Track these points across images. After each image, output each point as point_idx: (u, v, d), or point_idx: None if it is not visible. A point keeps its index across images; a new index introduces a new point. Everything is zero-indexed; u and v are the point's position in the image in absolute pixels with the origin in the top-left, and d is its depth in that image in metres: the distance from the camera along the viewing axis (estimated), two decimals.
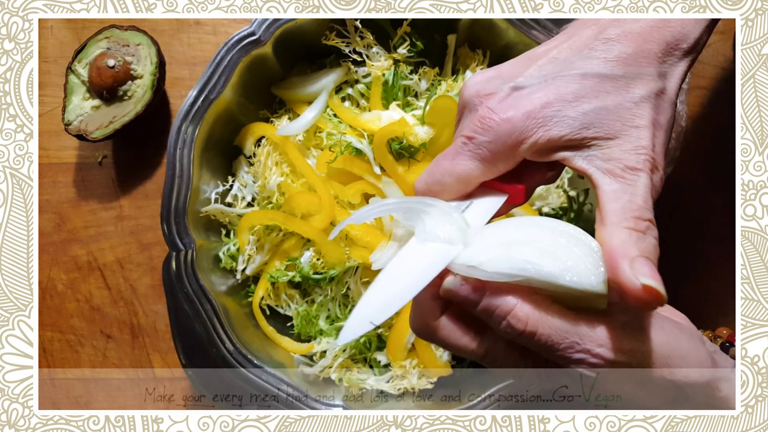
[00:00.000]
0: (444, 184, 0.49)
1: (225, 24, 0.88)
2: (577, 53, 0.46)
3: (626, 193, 0.44)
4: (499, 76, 0.48)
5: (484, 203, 0.49)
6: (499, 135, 0.46)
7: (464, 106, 0.50)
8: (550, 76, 0.46)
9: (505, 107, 0.46)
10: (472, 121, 0.47)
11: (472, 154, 0.47)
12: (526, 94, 0.46)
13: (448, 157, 0.48)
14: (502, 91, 0.47)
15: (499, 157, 0.47)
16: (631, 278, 0.41)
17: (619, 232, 0.43)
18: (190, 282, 0.71)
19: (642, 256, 0.42)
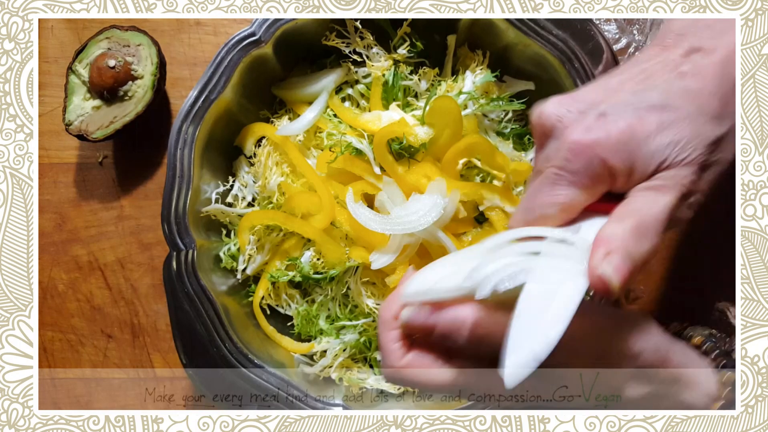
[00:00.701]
0: (547, 216, 0.49)
1: (225, 24, 0.88)
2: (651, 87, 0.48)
3: (640, 200, 0.46)
4: (579, 102, 0.49)
5: (594, 225, 0.48)
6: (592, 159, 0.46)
7: (546, 133, 0.50)
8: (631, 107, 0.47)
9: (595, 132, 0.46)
10: (562, 149, 0.47)
11: (570, 182, 0.47)
12: (611, 120, 0.47)
13: (544, 189, 0.48)
14: (588, 116, 0.48)
15: (597, 180, 0.47)
16: (595, 264, 0.43)
17: (616, 225, 0.45)
18: (191, 282, 0.71)
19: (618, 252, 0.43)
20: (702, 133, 0.46)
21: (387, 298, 0.51)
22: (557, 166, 0.48)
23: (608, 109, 0.47)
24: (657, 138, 0.46)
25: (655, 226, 0.45)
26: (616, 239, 0.44)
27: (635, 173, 0.47)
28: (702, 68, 0.47)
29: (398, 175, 0.75)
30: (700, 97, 0.47)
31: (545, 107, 0.50)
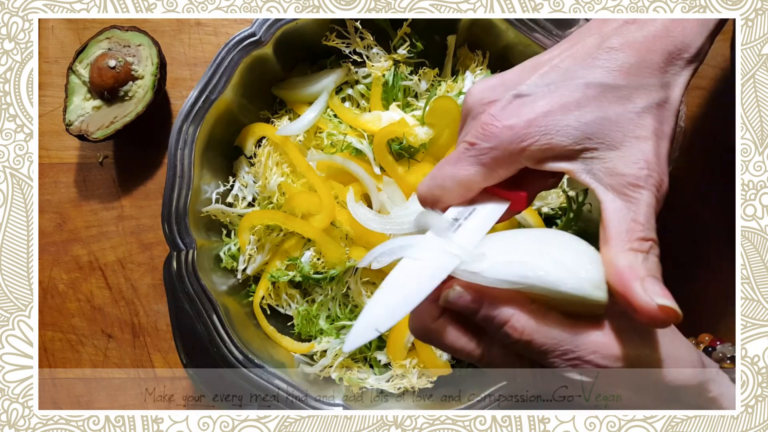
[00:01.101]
0: (446, 188, 0.49)
1: (226, 24, 0.88)
2: (580, 62, 0.46)
3: (630, 212, 0.44)
4: (502, 83, 0.48)
5: (487, 209, 0.49)
6: (500, 141, 0.46)
7: (467, 112, 0.50)
8: (553, 85, 0.46)
9: (507, 114, 0.46)
10: (475, 127, 0.47)
11: (474, 159, 0.47)
12: (529, 101, 0.46)
13: (450, 162, 0.49)
14: (504, 98, 0.47)
15: (500, 164, 0.47)
16: (647, 299, 0.41)
17: (624, 254, 0.44)
18: (191, 282, 0.71)
19: (650, 276, 0.42)
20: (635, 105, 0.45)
21: None
22: (467, 142, 0.48)
23: (526, 89, 0.47)
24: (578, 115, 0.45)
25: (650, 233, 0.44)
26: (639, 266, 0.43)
27: (551, 152, 0.45)
28: (632, 41, 0.46)
29: (398, 175, 0.75)
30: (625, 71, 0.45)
31: (472, 88, 0.50)
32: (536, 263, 0.44)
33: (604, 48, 0.46)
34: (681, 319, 0.41)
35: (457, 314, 0.47)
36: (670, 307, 0.41)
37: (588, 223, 0.75)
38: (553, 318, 0.45)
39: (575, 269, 0.44)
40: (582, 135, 0.45)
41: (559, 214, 0.80)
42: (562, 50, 0.48)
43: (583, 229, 0.76)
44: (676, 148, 0.75)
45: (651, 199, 0.44)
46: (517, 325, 0.44)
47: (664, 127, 0.46)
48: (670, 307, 0.41)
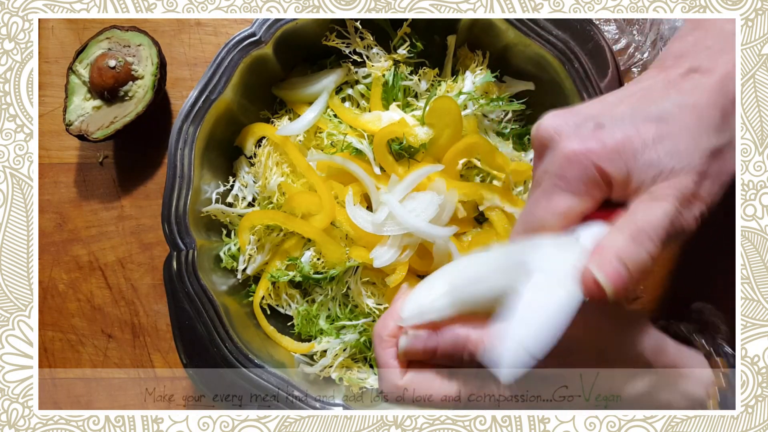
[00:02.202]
0: (546, 224, 0.49)
1: (226, 24, 0.88)
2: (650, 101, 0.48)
3: (640, 210, 0.46)
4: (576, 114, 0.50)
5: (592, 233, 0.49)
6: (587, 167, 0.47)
7: (544, 144, 0.51)
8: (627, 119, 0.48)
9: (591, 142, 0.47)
10: (558, 158, 0.48)
11: (567, 190, 0.48)
12: (608, 131, 0.47)
13: (541, 199, 0.49)
14: (585, 127, 0.48)
15: (593, 188, 0.48)
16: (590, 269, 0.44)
17: (615, 234, 0.46)
18: (191, 282, 0.71)
19: (615, 259, 0.44)
20: (700, 143, 0.47)
21: (382, 316, 0.51)
22: (554, 175, 0.48)
23: (605, 120, 0.48)
24: (654, 148, 0.46)
25: (654, 233, 0.45)
26: (613, 247, 0.45)
27: (632, 183, 0.47)
28: (701, 85, 0.48)
29: (398, 175, 0.75)
30: (698, 110, 0.47)
31: (543, 120, 0.51)
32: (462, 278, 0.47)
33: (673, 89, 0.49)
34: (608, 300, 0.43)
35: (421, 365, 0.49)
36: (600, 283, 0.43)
37: None
38: None
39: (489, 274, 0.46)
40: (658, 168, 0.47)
41: None
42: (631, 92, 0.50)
43: None
44: None
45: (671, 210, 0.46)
46: (475, 338, 0.46)
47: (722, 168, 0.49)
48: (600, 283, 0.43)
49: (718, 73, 0.48)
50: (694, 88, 0.48)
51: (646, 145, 0.46)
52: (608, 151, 0.46)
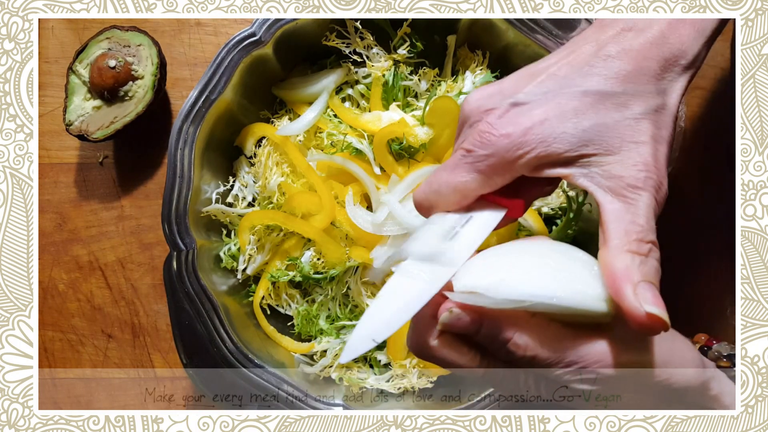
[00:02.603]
0: (441, 194, 0.49)
1: (226, 24, 0.88)
2: (576, 70, 0.46)
3: (628, 213, 0.44)
4: (499, 91, 0.48)
5: (484, 217, 0.49)
6: (497, 149, 0.46)
7: (465, 120, 0.50)
8: (550, 93, 0.46)
9: (504, 123, 0.46)
10: (472, 135, 0.48)
11: (471, 166, 0.47)
12: (526, 110, 0.46)
13: (447, 168, 0.49)
14: (502, 106, 0.47)
15: (496, 172, 0.47)
16: (636, 305, 0.41)
17: (622, 256, 0.43)
18: (191, 282, 0.71)
19: (645, 281, 0.42)
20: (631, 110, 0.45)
21: None
22: (464, 149, 0.48)
23: (524, 97, 0.47)
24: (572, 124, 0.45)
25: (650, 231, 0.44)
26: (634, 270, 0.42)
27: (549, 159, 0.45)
28: (629, 48, 0.46)
29: (398, 175, 0.75)
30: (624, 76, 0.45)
31: (470, 95, 0.50)
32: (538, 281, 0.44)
33: (600, 56, 0.46)
34: (669, 327, 0.41)
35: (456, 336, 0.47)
36: (658, 316, 0.41)
37: (588, 222, 0.75)
38: (555, 330, 0.45)
39: (578, 284, 0.44)
40: (579, 141, 0.45)
41: (559, 214, 0.80)
42: (558, 58, 0.48)
43: (583, 229, 0.76)
44: (676, 149, 0.75)
45: (650, 201, 0.44)
46: (519, 342, 0.44)
47: (662, 132, 0.46)
48: (658, 316, 0.41)
49: (651, 32, 0.47)
50: (622, 51, 0.46)
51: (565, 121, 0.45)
52: (521, 129, 0.45)
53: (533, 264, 0.45)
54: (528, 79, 0.48)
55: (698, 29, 0.48)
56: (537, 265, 0.45)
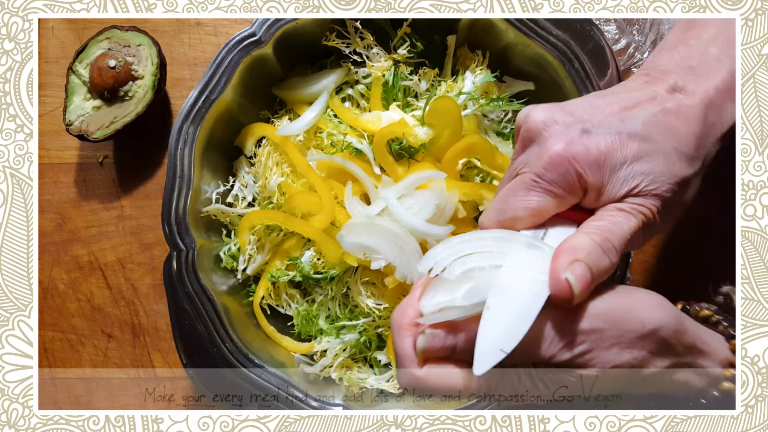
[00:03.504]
0: (517, 219, 0.51)
1: (226, 24, 0.88)
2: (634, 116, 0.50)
3: (608, 219, 0.49)
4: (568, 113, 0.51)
5: (559, 232, 0.51)
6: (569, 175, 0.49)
7: (530, 137, 0.52)
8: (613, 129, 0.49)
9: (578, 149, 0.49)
10: (543, 158, 0.50)
11: (545, 190, 0.50)
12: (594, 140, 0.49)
13: (518, 192, 0.51)
14: (573, 130, 0.50)
15: (572, 192, 0.50)
16: (559, 269, 0.45)
17: (583, 237, 0.47)
18: (191, 282, 0.71)
19: (584, 263, 0.45)
20: (673, 170, 0.49)
21: (400, 304, 0.51)
22: (535, 173, 0.50)
23: (592, 127, 0.49)
24: (632, 165, 0.48)
25: (618, 245, 0.48)
26: (583, 250, 0.46)
27: (605, 193, 0.49)
28: (685, 108, 0.50)
29: (398, 175, 0.75)
30: (678, 136, 0.49)
31: (533, 112, 0.52)
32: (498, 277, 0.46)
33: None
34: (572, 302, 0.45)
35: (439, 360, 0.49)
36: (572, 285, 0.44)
37: None
38: None
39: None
40: None
41: None
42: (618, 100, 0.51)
43: None
44: None
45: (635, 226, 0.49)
46: None
47: None
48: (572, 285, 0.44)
49: (699, 97, 0.51)
50: (678, 110, 0.50)
51: (626, 161, 0.48)
52: (591, 159, 0.48)
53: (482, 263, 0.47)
54: (590, 109, 0.51)
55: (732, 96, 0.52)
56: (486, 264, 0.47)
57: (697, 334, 0.51)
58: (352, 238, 0.70)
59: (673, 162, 0.49)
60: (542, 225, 0.52)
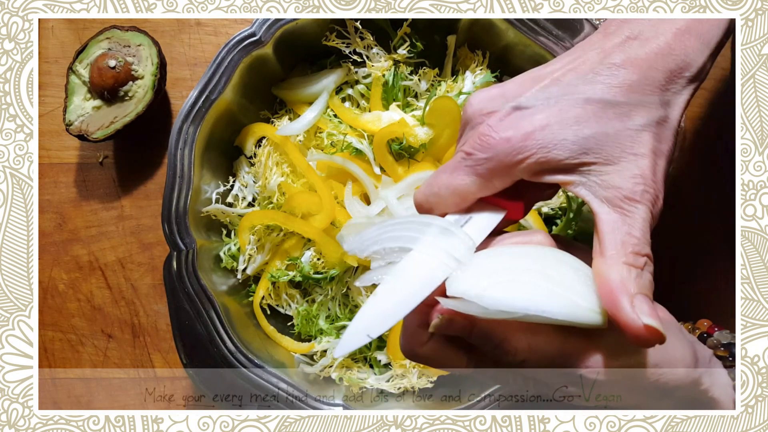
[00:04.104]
0: (441, 196, 0.49)
1: (226, 24, 0.88)
2: (581, 77, 0.46)
3: (625, 225, 0.44)
4: (502, 94, 0.48)
5: (483, 218, 0.49)
6: (497, 153, 0.46)
7: (466, 121, 0.50)
8: (553, 99, 0.46)
9: (504, 126, 0.46)
10: (473, 137, 0.48)
11: (470, 169, 0.47)
12: (528, 114, 0.46)
13: (447, 170, 0.49)
14: (503, 109, 0.47)
15: (496, 175, 0.47)
16: (634, 318, 0.41)
17: (617, 267, 0.43)
18: (191, 282, 0.71)
19: (641, 294, 0.43)
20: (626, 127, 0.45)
21: None
22: (464, 151, 0.48)
23: (526, 101, 0.47)
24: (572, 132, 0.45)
25: (645, 244, 0.44)
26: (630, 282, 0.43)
27: (548, 165, 0.45)
28: (634, 57, 0.46)
29: (398, 175, 0.75)
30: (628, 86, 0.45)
31: (472, 98, 0.50)
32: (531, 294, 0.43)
33: (605, 64, 0.46)
34: (665, 340, 0.42)
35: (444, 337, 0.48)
36: (655, 328, 0.41)
37: (588, 223, 0.75)
38: (546, 335, 0.45)
39: (571, 295, 0.43)
40: (579, 149, 0.45)
41: (559, 213, 0.80)
42: (563, 64, 0.48)
43: (583, 229, 0.76)
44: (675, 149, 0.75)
45: (646, 214, 0.44)
46: (509, 348, 0.45)
47: (662, 146, 0.46)
48: (655, 328, 0.41)
49: (656, 42, 0.46)
50: (628, 61, 0.46)
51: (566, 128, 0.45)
52: (520, 134, 0.45)
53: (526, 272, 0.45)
54: (531, 83, 0.48)
55: (704, 41, 0.47)
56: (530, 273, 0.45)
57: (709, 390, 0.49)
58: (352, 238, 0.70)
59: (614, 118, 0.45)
60: (468, 210, 0.50)
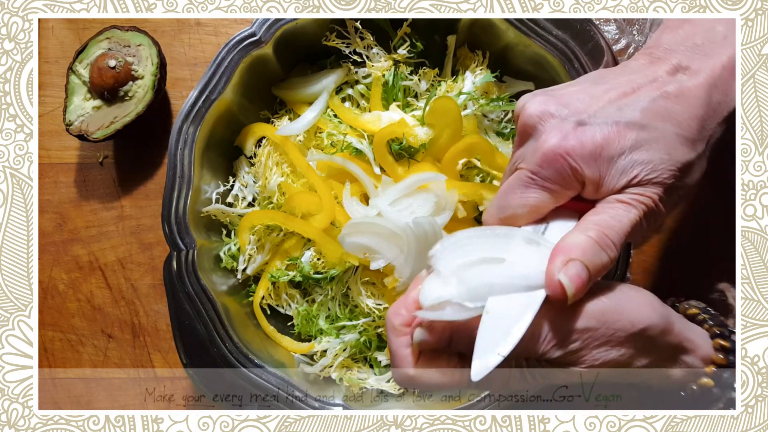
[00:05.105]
0: (518, 216, 0.51)
1: (226, 24, 0.88)
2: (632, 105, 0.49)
3: (607, 212, 0.48)
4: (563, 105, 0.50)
5: (560, 225, 0.51)
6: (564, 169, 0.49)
7: (525, 130, 0.52)
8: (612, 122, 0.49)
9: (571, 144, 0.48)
10: (537, 154, 0.49)
11: (541, 186, 0.50)
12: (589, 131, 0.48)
13: (516, 189, 0.51)
14: (566, 124, 0.49)
15: (568, 188, 0.50)
16: (553, 272, 0.45)
17: (579, 235, 0.47)
18: (191, 282, 0.71)
19: (581, 262, 0.45)
20: (674, 156, 0.48)
21: (394, 304, 0.51)
22: (530, 170, 0.50)
23: (588, 119, 0.49)
24: (631, 155, 0.48)
25: (616, 239, 0.48)
26: (578, 248, 0.46)
27: (604, 185, 0.49)
28: (686, 90, 0.49)
29: (398, 175, 0.75)
30: (679, 120, 0.49)
31: (529, 105, 0.51)
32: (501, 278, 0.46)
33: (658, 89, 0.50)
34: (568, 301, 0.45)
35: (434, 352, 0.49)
36: (564, 286, 0.45)
37: None
38: None
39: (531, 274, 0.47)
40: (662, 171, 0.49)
41: None
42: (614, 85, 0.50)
43: None
44: None
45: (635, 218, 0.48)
46: None
47: None
48: (564, 286, 0.45)
49: (704, 77, 0.49)
50: (679, 93, 0.49)
51: (623, 152, 0.48)
52: (586, 153, 0.48)
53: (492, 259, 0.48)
54: (587, 98, 0.50)
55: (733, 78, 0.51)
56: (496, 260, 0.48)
57: (683, 332, 0.51)
58: (352, 238, 0.70)
59: (674, 148, 0.48)
60: (543, 219, 0.52)
